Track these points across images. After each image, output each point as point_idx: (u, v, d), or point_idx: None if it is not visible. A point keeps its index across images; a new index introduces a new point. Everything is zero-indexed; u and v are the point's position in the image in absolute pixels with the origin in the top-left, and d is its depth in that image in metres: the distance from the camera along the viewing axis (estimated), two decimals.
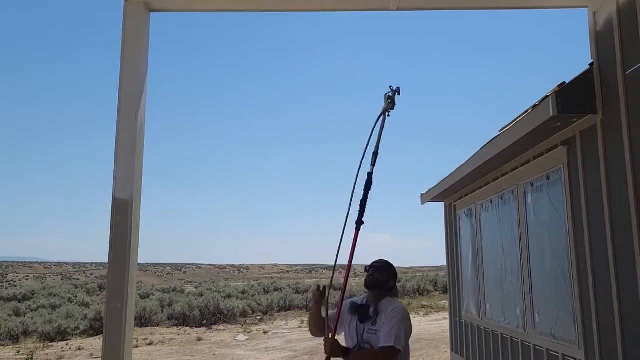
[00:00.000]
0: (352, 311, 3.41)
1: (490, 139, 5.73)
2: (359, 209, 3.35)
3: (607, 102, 3.85)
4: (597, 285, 4.12)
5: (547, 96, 4.13)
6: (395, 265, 3.56)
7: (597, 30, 4.00)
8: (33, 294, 32.42)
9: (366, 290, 3.47)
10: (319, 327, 3.48)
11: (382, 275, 3.42)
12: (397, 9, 3.84)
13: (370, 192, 3.33)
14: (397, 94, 3.34)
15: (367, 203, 3.32)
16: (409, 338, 3.29)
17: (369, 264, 3.53)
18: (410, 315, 3.35)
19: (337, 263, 3.34)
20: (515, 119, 4.98)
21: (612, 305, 3.86)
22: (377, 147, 3.32)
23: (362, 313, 3.35)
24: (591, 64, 4.04)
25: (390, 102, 3.33)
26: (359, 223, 3.34)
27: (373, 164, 3.32)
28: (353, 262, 3.35)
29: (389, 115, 3.34)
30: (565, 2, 4.02)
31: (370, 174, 3.34)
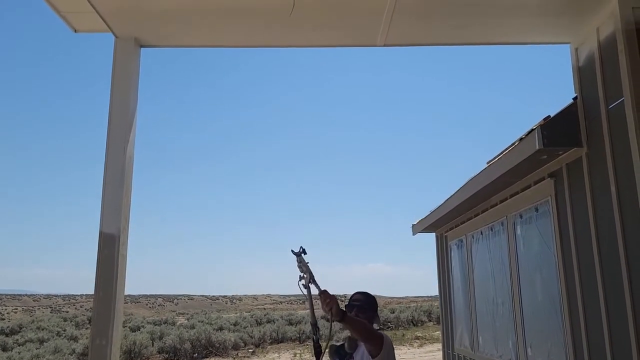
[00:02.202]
0: (332, 356, 3.26)
1: (479, 171, 5.78)
2: None
3: (592, 135, 3.91)
4: (588, 317, 4.10)
5: (532, 129, 4.19)
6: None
7: (579, 66, 4.08)
8: (21, 328, 31.75)
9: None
10: None
11: (367, 315, 3.22)
12: (384, 45, 3.94)
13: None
14: (304, 253, 3.08)
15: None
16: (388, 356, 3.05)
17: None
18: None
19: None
20: (502, 152, 5.03)
21: (603, 337, 3.84)
22: (314, 318, 3.10)
23: (341, 353, 3.21)
24: (575, 98, 4.12)
25: (303, 268, 3.08)
26: None
27: (315, 333, 3.10)
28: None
29: (311, 280, 3.07)
30: (548, 39, 4.13)
31: (317, 340, 3.10)
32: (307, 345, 23.66)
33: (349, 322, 2.91)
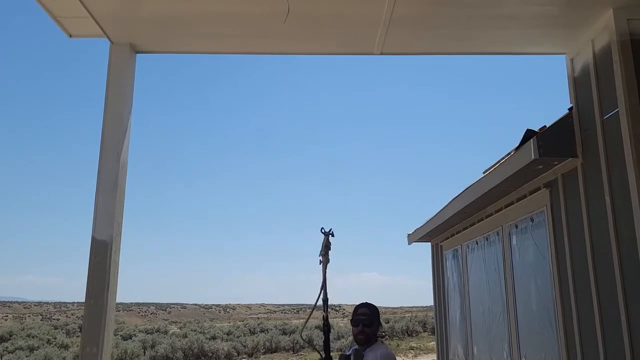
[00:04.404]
0: None
1: (475, 181, 5.78)
2: (324, 355, 3.47)
3: (587, 146, 3.92)
4: (582, 327, 4.09)
5: (528, 139, 4.19)
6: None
7: (575, 76, 4.10)
8: (11, 335, 31.41)
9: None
10: None
11: (373, 329, 3.30)
12: (381, 54, 3.94)
13: (330, 334, 3.49)
14: (331, 235, 3.47)
15: (330, 345, 3.51)
16: None
17: (357, 303, 3.45)
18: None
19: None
20: (498, 161, 5.04)
21: (597, 347, 3.82)
22: (326, 293, 3.47)
23: None
24: (570, 109, 4.13)
25: (327, 248, 3.46)
26: None
27: (326, 310, 3.50)
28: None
29: (329, 261, 3.47)
30: (544, 49, 4.15)
31: (325, 319, 3.50)
32: (301, 355, 23.53)
33: None
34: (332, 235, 3.42)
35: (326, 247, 3.43)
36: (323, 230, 3.43)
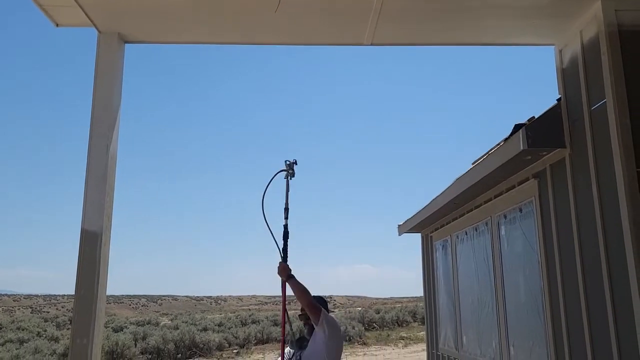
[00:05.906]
0: (293, 345, 3.92)
1: (464, 171, 5.81)
2: (282, 256, 3.87)
3: (575, 136, 3.95)
4: (569, 316, 4.14)
5: (517, 130, 4.22)
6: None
7: (563, 67, 4.12)
8: (0, 328, 31.25)
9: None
10: None
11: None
12: (371, 44, 3.94)
13: (288, 240, 3.92)
14: (295, 164, 3.94)
15: (287, 250, 3.89)
16: (334, 332, 3.61)
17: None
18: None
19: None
20: (487, 152, 5.06)
21: (583, 337, 3.88)
22: (287, 203, 3.94)
23: (301, 341, 3.88)
24: (559, 100, 4.16)
25: (291, 171, 3.94)
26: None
27: (286, 217, 3.93)
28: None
29: (291, 178, 3.95)
30: (533, 40, 4.17)
31: (285, 226, 3.92)
32: None
33: (292, 283, 3.72)
34: (296, 164, 3.91)
35: (291, 166, 3.92)
36: (287, 161, 3.92)
